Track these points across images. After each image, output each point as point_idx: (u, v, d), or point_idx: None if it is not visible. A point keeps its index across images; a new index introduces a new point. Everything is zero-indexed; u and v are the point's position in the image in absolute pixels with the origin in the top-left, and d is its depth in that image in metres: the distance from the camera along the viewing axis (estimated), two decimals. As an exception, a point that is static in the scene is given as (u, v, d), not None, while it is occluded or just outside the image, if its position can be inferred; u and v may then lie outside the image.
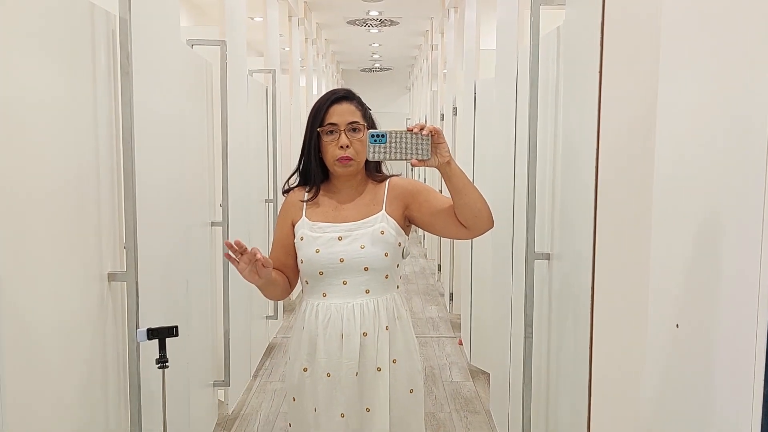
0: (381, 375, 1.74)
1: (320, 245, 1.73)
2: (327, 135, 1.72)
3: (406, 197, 1.76)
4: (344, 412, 1.74)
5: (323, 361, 1.73)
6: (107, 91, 1.87)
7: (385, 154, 1.52)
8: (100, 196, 1.83)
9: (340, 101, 1.73)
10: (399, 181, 1.80)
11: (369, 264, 1.71)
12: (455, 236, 1.73)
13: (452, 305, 5.61)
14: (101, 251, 1.84)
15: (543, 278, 2.36)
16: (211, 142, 3.12)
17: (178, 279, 2.51)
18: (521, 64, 2.80)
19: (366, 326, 1.72)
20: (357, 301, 1.72)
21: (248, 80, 3.78)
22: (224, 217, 3.12)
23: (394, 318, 1.77)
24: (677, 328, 1.24)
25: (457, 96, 5.14)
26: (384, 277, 1.75)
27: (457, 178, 1.59)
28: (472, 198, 1.61)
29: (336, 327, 1.72)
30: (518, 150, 2.82)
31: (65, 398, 1.62)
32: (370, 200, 1.77)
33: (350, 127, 1.71)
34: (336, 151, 1.70)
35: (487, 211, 1.65)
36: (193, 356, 2.77)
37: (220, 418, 3.45)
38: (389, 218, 1.74)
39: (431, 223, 1.75)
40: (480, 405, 3.76)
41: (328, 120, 1.72)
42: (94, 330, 1.80)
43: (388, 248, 1.73)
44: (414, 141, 1.51)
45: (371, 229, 1.72)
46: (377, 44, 11.43)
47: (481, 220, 1.65)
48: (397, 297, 1.80)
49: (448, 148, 1.55)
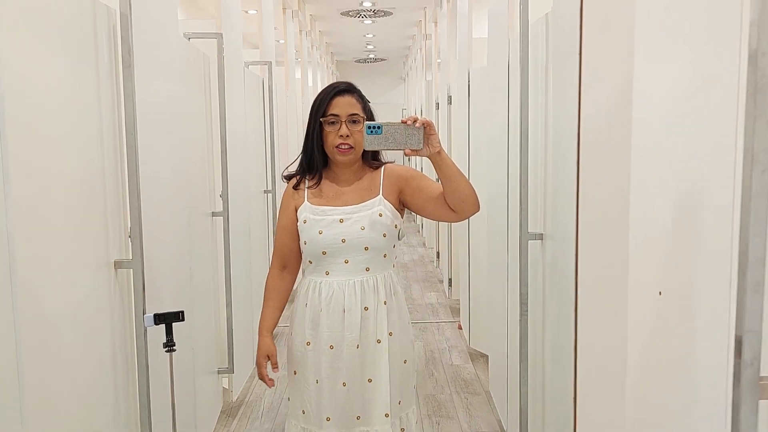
0: (380, 347, 1.87)
1: (323, 227, 1.86)
2: (329, 125, 1.84)
3: (401, 182, 1.89)
4: (346, 382, 1.87)
5: (326, 334, 1.86)
6: (110, 84, 1.92)
7: (380, 144, 1.64)
8: (106, 187, 1.88)
9: (342, 94, 1.85)
10: (394, 168, 1.93)
11: (369, 244, 1.85)
12: (444, 219, 1.86)
13: (451, 291, 5.69)
14: (108, 240, 1.90)
15: (537, 258, 2.43)
16: (209, 134, 3.18)
17: (182, 267, 2.57)
18: (512, 52, 2.85)
19: (367, 301, 1.86)
20: (358, 278, 1.86)
21: (244, 72, 3.83)
22: (224, 207, 3.18)
23: (391, 293, 1.91)
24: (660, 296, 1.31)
25: (451, 85, 5.19)
26: (382, 255, 1.88)
27: (447, 167, 1.72)
28: (460, 185, 1.74)
29: (338, 302, 1.85)
30: (511, 135, 2.88)
31: (78, 379, 1.69)
32: (368, 185, 1.90)
33: (350, 119, 1.83)
34: (336, 139, 1.83)
35: (474, 196, 1.77)
36: (198, 344, 2.84)
37: (224, 405, 3.52)
38: (386, 202, 1.87)
39: (423, 207, 1.88)
40: (480, 386, 3.84)
41: (330, 111, 1.84)
42: (103, 315, 1.86)
43: (386, 229, 1.86)
44: (407, 132, 1.62)
45: (370, 212, 1.85)
46: (371, 35, 11.46)
47: (468, 205, 1.78)
48: (393, 274, 1.94)
49: (439, 139, 1.68)
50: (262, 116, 4.46)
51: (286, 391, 3.74)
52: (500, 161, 3.08)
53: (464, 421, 3.39)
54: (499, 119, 3.12)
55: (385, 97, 15.87)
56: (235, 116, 3.47)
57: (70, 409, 1.65)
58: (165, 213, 2.37)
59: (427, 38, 8.53)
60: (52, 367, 1.54)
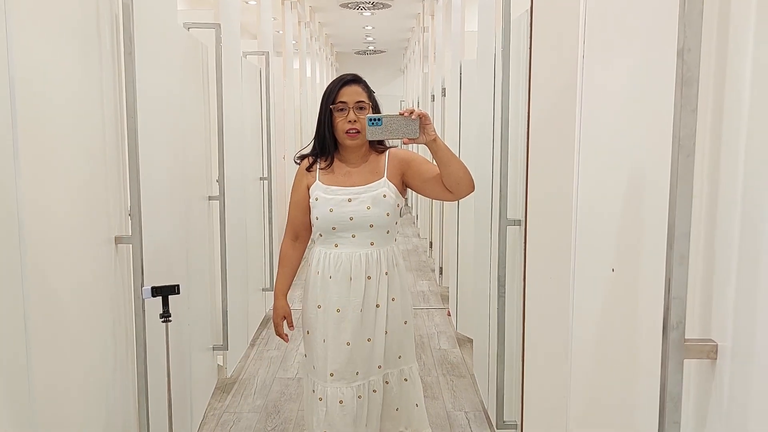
0: (379, 311, 2.15)
1: (333, 205, 2.11)
2: (338, 112, 2.10)
3: (403, 166, 2.14)
4: (350, 341, 2.13)
5: (335, 298, 2.12)
6: (112, 71, 2.04)
7: (381, 135, 1.87)
8: (107, 168, 2.01)
9: (349, 83, 2.11)
10: (397, 152, 2.18)
11: (374, 221, 2.10)
12: (443, 198, 2.10)
13: (442, 279, 5.82)
14: (109, 217, 2.03)
15: (515, 243, 2.55)
16: (207, 121, 3.30)
17: (178, 246, 2.70)
18: (499, 45, 2.97)
19: (370, 271, 2.12)
20: (363, 251, 2.12)
21: (242, 62, 3.95)
22: (221, 192, 3.30)
23: (393, 265, 2.18)
24: (612, 272, 1.43)
25: (445, 77, 5.31)
26: (386, 232, 2.14)
27: (442, 152, 1.96)
28: (455, 168, 1.98)
29: (345, 271, 2.12)
30: (496, 125, 3.00)
31: (80, 346, 1.82)
32: (374, 168, 2.15)
33: (357, 106, 2.09)
34: (345, 125, 2.09)
35: (468, 178, 2.00)
36: (193, 321, 2.97)
37: (219, 381, 3.66)
38: (390, 183, 2.12)
39: (423, 188, 2.14)
40: (465, 370, 3.97)
41: (339, 99, 2.09)
42: (104, 287, 1.99)
43: (389, 209, 2.12)
44: (405, 123, 1.85)
45: (375, 193, 2.11)
46: (371, 27, 11.55)
47: (463, 186, 2.02)
48: (395, 248, 2.21)
49: (434, 128, 1.91)
50: (259, 105, 4.58)
51: (278, 372, 3.88)
52: (486, 151, 3.20)
53: (449, 401, 3.52)
54: (486, 110, 3.23)
55: (384, 88, 15.95)
56: (233, 105, 3.59)
57: (73, 374, 1.77)
58: (163, 194, 2.49)
59: (424, 31, 8.63)
60: (58, 335, 1.67)
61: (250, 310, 4.24)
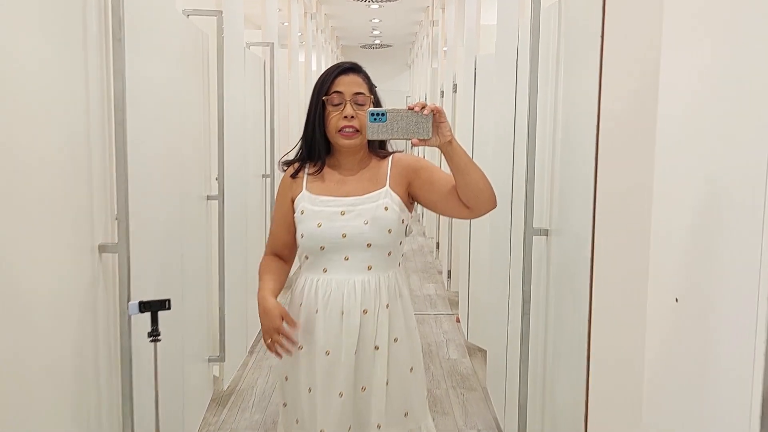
0: (379, 354, 1.70)
1: (322, 219, 1.69)
2: (332, 106, 1.69)
3: (410, 174, 1.73)
4: (343, 392, 1.68)
5: (322, 338, 1.69)
6: (98, 57, 1.82)
7: (384, 133, 1.50)
8: (92, 166, 1.79)
9: (347, 72, 1.71)
10: (403, 158, 1.77)
11: (372, 240, 1.68)
12: (457, 215, 1.68)
13: (450, 283, 5.60)
14: (92, 222, 1.81)
15: (541, 254, 2.34)
16: (206, 115, 3.08)
17: (172, 252, 2.48)
18: (522, 39, 2.75)
19: (366, 303, 1.69)
20: (358, 278, 1.69)
21: (245, 53, 3.72)
22: (220, 191, 3.08)
23: (396, 296, 1.74)
24: (676, 302, 1.21)
25: (457, 72, 5.08)
26: (386, 254, 1.72)
27: (459, 158, 1.56)
28: (473, 177, 1.58)
29: (336, 303, 1.69)
30: (518, 125, 2.78)
31: (56, 369, 1.60)
32: (374, 176, 1.74)
33: (355, 99, 1.68)
34: (340, 121, 1.68)
35: (489, 190, 1.60)
36: (188, 331, 2.75)
37: (215, 393, 3.44)
38: (393, 194, 1.71)
39: (433, 202, 1.72)
40: (477, 382, 3.76)
41: (333, 89, 1.69)
42: (85, 302, 1.77)
43: (391, 225, 1.70)
44: (415, 120, 1.48)
45: (374, 205, 1.69)
46: (377, 20, 11.32)
47: (483, 201, 1.61)
48: (398, 274, 1.77)
49: (450, 127, 1.52)
50: (263, 99, 4.35)
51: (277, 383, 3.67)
52: (505, 153, 2.98)
53: (460, 418, 3.31)
54: (505, 109, 3.01)
55: (389, 84, 15.74)
56: (234, 98, 3.37)
57: (47, 399, 1.56)
58: (155, 195, 2.28)
59: (434, 24, 8.39)
60: (26, 356, 1.46)
61: (249, 315, 4.02)
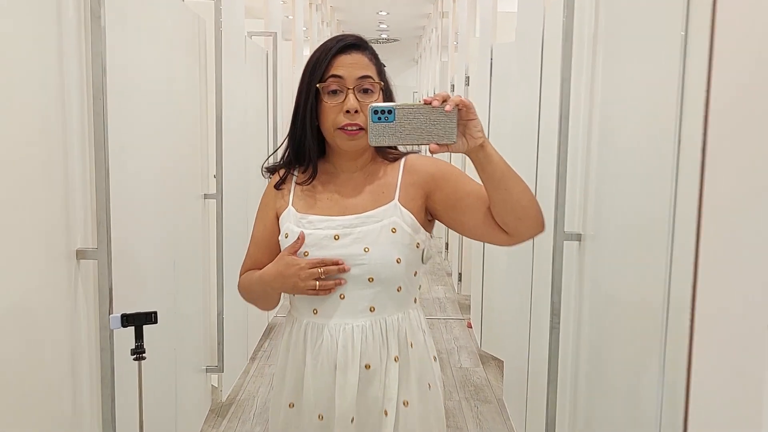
0: (387, 421, 1.30)
1: (310, 246, 1.29)
2: (329, 95, 1.26)
3: (428, 183, 1.31)
4: None
5: (312, 399, 1.32)
6: (77, 41, 1.60)
7: (392, 137, 1.11)
8: (68, 161, 1.57)
9: (348, 50, 1.28)
10: (419, 162, 1.35)
11: (375, 272, 1.27)
12: (491, 240, 1.27)
13: (461, 286, 5.37)
14: (69, 224, 1.59)
15: (572, 261, 2.11)
16: (204, 107, 2.85)
17: (164, 256, 2.26)
18: (548, 25, 2.52)
19: (369, 356, 1.29)
20: (358, 322, 1.29)
21: (246, 42, 3.49)
22: (218, 189, 2.86)
23: (407, 344, 1.33)
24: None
25: (470, 64, 4.84)
26: (395, 289, 1.31)
27: (494, 167, 1.15)
28: (515, 193, 1.17)
29: (329, 356, 1.29)
30: (544, 118, 2.55)
31: (27, 391, 1.38)
32: (380, 186, 1.32)
33: (360, 86, 1.26)
34: (340, 117, 1.25)
35: (536, 210, 1.20)
36: (183, 341, 2.53)
37: (214, 404, 3.22)
38: (404, 210, 1.30)
39: (460, 222, 1.30)
40: (491, 393, 3.53)
41: (331, 72, 1.26)
42: (61, 315, 1.55)
43: (402, 251, 1.28)
44: (433, 118, 1.10)
45: (379, 225, 1.28)
46: (384, 12, 11.07)
47: (527, 223, 1.20)
48: (413, 315, 1.36)
49: (482, 127, 1.13)
50: (265, 91, 4.13)
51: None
52: (527, 148, 2.75)
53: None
54: (528, 100, 2.78)
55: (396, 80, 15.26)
56: (234, 89, 3.14)
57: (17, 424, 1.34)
58: (144, 194, 2.05)
59: (443, 16, 8.15)
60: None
61: (250, 319, 3.79)
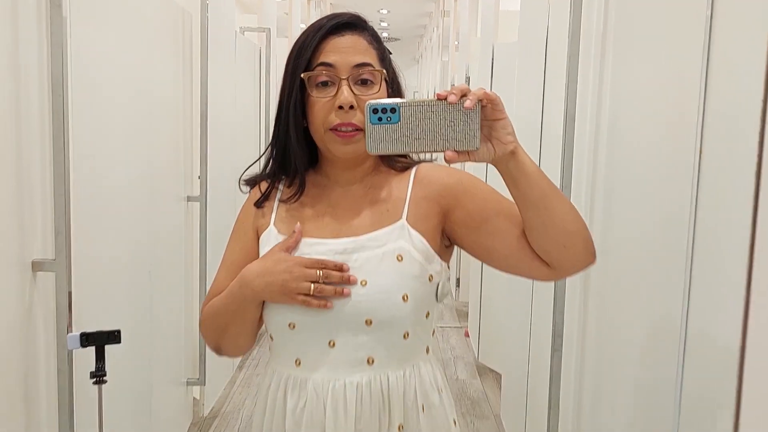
0: None
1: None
2: (317, 88, 1.00)
3: (446, 199, 1.03)
4: None
5: None
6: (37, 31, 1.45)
7: (397, 143, 0.86)
8: (23, 162, 1.42)
9: (341, 31, 1.01)
10: (434, 172, 1.06)
11: (375, 313, 0.98)
12: (528, 274, 0.99)
13: (458, 292, 5.21)
14: (24, 232, 1.44)
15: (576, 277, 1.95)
16: (189, 105, 2.70)
17: (136, 265, 2.10)
18: (553, 24, 2.38)
19: (365, 423, 1.00)
20: (352, 378, 1.00)
21: (237, 37, 3.34)
22: (202, 191, 2.70)
23: (416, 409, 1.03)
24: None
25: (470, 63, 4.69)
26: (400, 336, 1.01)
27: (529, 180, 0.89)
28: (557, 215, 0.91)
29: (314, 421, 1.00)
30: (547, 122, 2.41)
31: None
32: (384, 202, 1.05)
33: (357, 75, 0.99)
34: (331, 115, 0.99)
35: (585, 236, 0.93)
36: (160, 354, 2.38)
37: (196, 417, 3.07)
38: (413, 233, 1.02)
39: (487, 249, 1.01)
40: (488, 408, 3.38)
41: (320, 59, 0.99)
42: (14, 333, 1.41)
43: (410, 285, 0.99)
44: (449, 118, 0.85)
45: (381, 252, 1.00)
46: (385, 11, 10.92)
47: (574, 253, 0.93)
48: (425, 370, 1.06)
49: (513, 129, 0.88)
50: (258, 90, 3.97)
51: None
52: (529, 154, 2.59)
53: (470, 450, 2.94)
54: (530, 103, 2.63)
55: (396, 79, 15.34)
56: (223, 87, 2.99)
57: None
58: (115, 198, 1.90)
59: (445, 15, 8.00)
60: None
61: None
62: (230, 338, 1.06)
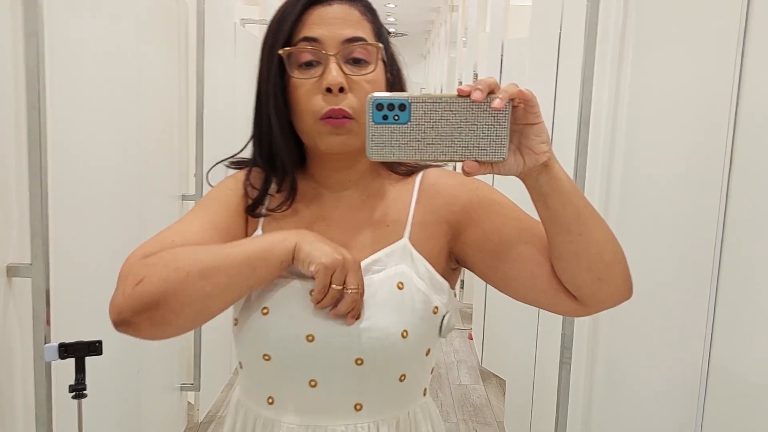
0: None
1: (272, 302, 0.83)
2: (299, 69, 0.83)
3: (457, 215, 0.88)
4: None
5: None
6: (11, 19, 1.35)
7: (405, 148, 0.70)
8: (-4, 162, 1.32)
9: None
10: (443, 181, 0.91)
11: (367, 351, 0.82)
12: (553, 308, 0.83)
13: (462, 294, 5.11)
14: (-4, 237, 1.34)
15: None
16: (185, 100, 2.59)
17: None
18: (567, 20, 2.27)
19: None
20: (335, 426, 0.84)
21: (237, 30, 3.23)
22: (197, 189, 2.60)
23: None
24: None
25: (479, 60, 4.57)
26: (396, 378, 0.85)
27: (564, 199, 0.74)
28: (594, 242, 0.75)
29: None
30: (559, 123, 2.30)
31: None
32: (383, 215, 0.89)
33: (347, 52, 0.83)
34: (318, 100, 0.82)
35: (623, 267, 0.78)
36: (152, 359, 2.28)
37: (190, 423, 2.98)
38: (416, 255, 0.86)
39: (504, 276, 0.84)
40: (492, 415, 3.28)
41: (303, 33, 0.82)
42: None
43: (411, 319, 0.83)
44: (472, 120, 0.69)
45: (378, 278, 0.84)
46: (393, 5, 10.78)
47: (610, 287, 0.78)
48: (420, 416, 0.90)
49: (548, 136, 0.72)
50: (260, 83, 3.86)
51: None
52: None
53: (473, 460, 2.84)
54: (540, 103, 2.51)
55: (403, 74, 15.23)
56: (221, 81, 2.89)
57: None
58: (101, 198, 1.81)
59: (453, 10, 7.88)
60: None
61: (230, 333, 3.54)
62: (201, 304, 0.77)
